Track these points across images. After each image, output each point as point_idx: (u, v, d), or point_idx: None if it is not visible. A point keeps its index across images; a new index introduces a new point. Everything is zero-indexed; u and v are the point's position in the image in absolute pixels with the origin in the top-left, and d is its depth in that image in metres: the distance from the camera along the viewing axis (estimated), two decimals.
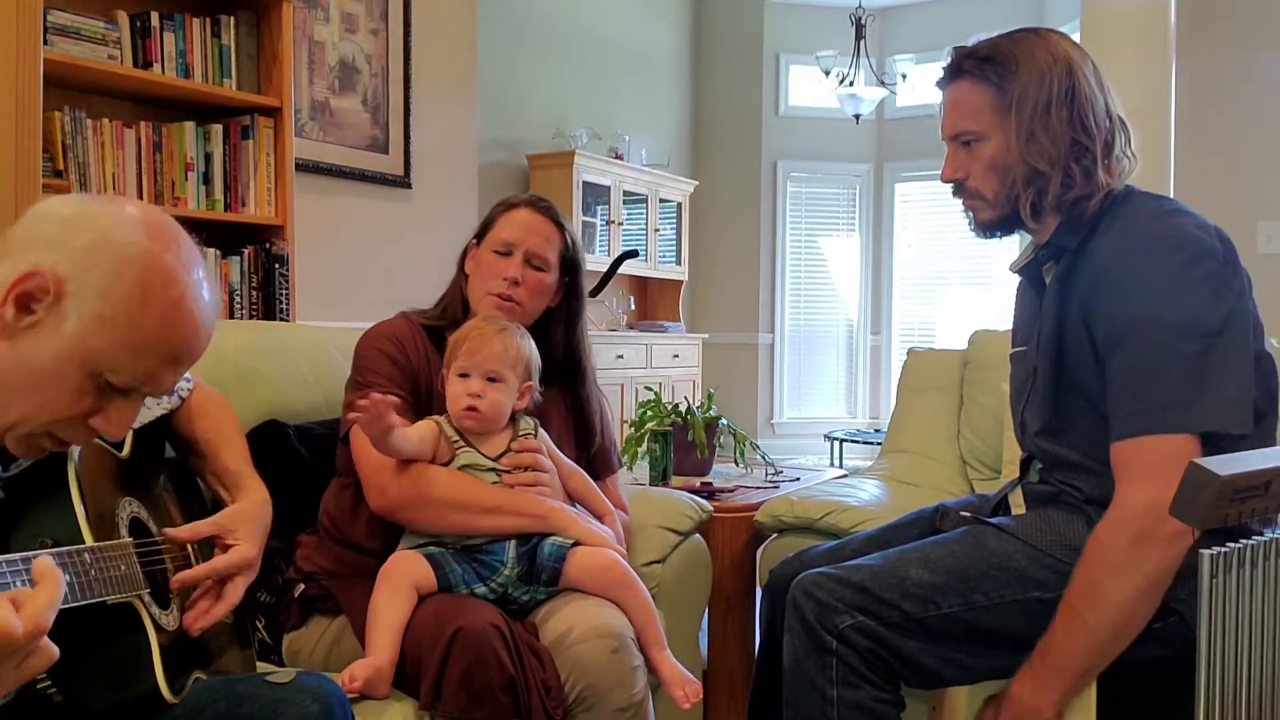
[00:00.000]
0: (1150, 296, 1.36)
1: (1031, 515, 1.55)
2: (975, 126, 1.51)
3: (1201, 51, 4.82)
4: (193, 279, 1.02)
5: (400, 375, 1.69)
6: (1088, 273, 1.44)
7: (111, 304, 0.97)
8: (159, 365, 1.01)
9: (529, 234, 1.73)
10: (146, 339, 0.99)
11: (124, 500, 1.19)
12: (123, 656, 1.08)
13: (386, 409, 1.48)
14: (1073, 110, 1.45)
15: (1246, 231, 4.84)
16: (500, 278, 1.71)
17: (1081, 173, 1.45)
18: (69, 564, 0.97)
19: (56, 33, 2.76)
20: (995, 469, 2.38)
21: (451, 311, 1.79)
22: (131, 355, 0.99)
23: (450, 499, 1.58)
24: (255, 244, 3.22)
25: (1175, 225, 1.41)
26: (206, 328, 1.04)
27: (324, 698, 1.15)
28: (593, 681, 1.50)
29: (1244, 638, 0.93)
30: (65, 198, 1.03)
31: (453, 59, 4.48)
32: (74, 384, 0.98)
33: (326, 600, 1.64)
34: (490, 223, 1.77)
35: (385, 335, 1.73)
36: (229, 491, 1.37)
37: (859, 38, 6.28)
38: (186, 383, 1.43)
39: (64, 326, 0.96)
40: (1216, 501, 0.88)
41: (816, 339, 7.64)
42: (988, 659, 1.48)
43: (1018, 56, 1.48)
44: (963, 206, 1.59)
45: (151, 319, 0.98)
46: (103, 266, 0.97)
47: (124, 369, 0.99)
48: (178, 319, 1.00)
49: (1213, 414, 1.32)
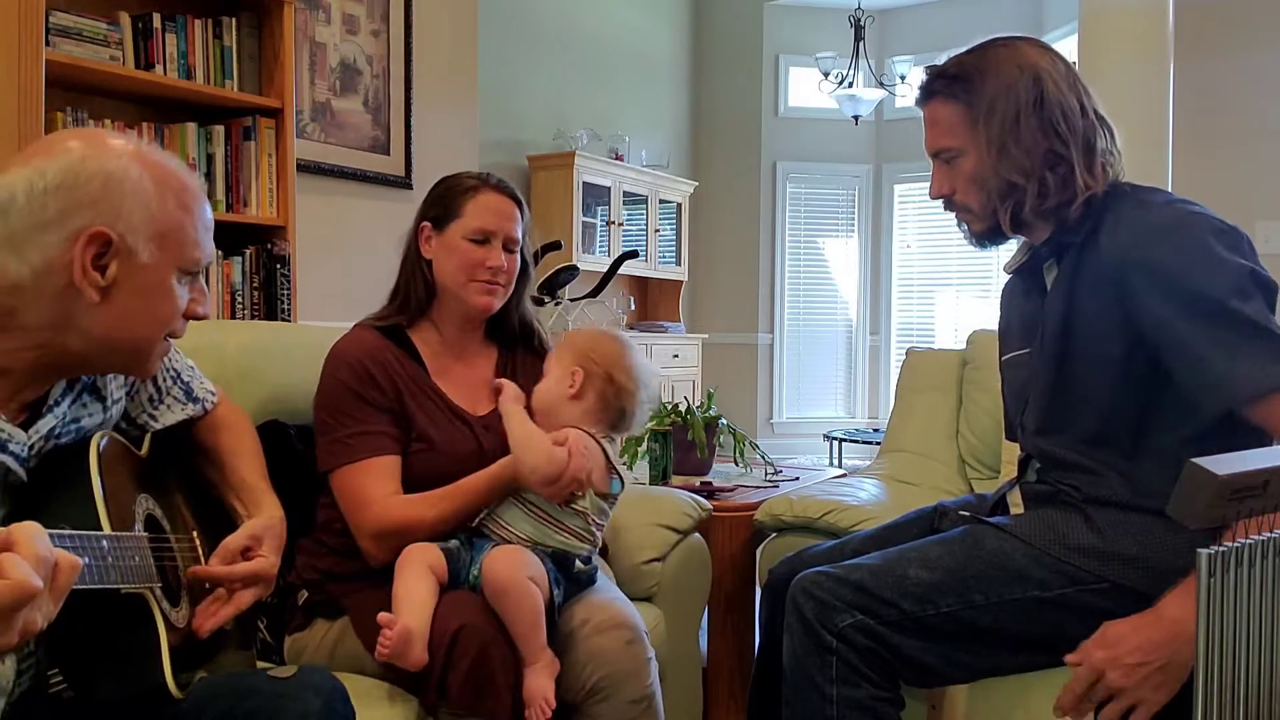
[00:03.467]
0: (1195, 273, 1.36)
1: (1030, 515, 1.56)
2: (951, 143, 1.52)
3: (1200, 52, 4.83)
4: (171, 159, 1.18)
5: (367, 409, 1.63)
6: (1105, 269, 1.44)
7: (155, 220, 1.11)
8: (204, 231, 1.19)
9: (502, 220, 1.70)
10: (190, 220, 1.15)
11: (140, 496, 1.20)
12: (133, 648, 1.09)
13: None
14: (1042, 118, 1.46)
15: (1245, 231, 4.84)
16: (483, 266, 1.68)
17: (1057, 181, 1.46)
18: (86, 547, 0.99)
19: (59, 34, 2.76)
20: (994, 468, 2.38)
21: (416, 302, 1.73)
22: (194, 241, 1.16)
23: (436, 518, 1.59)
24: (257, 244, 3.22)
25: (1186, 209, 1.43)
26: (188, 173, 1.20)
27: (326, 693, 1.15)
28: (609, 672, 1.51)
29: (1242, 637, 0.94)
30: (37, 168, 1.07)
31: (454, 60, 4.48)
32: (175, 291, 1.15)
33: (329, 604, 1.65)
34: (455, 209, 1.70)
35: (347, 364, 1.66)
36: (244, 505, 1.38)
37: (858, 39, 6.29)
38: (212, 395, 1.46)
39: (139, 260, 1.10)
40: (1214, 501, 0.88)
41: (816, 339, 7.64)
42: (987, 658, 1.49)
43: (984, 70, 1.49)
44: (956, 220, 1.60)
45: (178, 208, 1.14)
46: (127, 199, 1.08)
47: (195, 253, 1.16)
48: (184, 190, 1.16)
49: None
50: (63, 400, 1.17)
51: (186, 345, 1.77)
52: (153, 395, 1.37)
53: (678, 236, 6.79)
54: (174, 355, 1.41)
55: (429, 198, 1.76)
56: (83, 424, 1.20)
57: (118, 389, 1.28)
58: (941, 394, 2.54)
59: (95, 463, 1.11)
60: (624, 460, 2.78)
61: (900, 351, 7.36)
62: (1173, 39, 4.42)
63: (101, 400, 1.24)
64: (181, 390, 1.41)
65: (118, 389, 1.28)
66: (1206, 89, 4.86)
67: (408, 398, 1.67)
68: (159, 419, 1.37)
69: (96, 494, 1.09)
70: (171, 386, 1.39)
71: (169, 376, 1.39)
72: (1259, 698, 0.95)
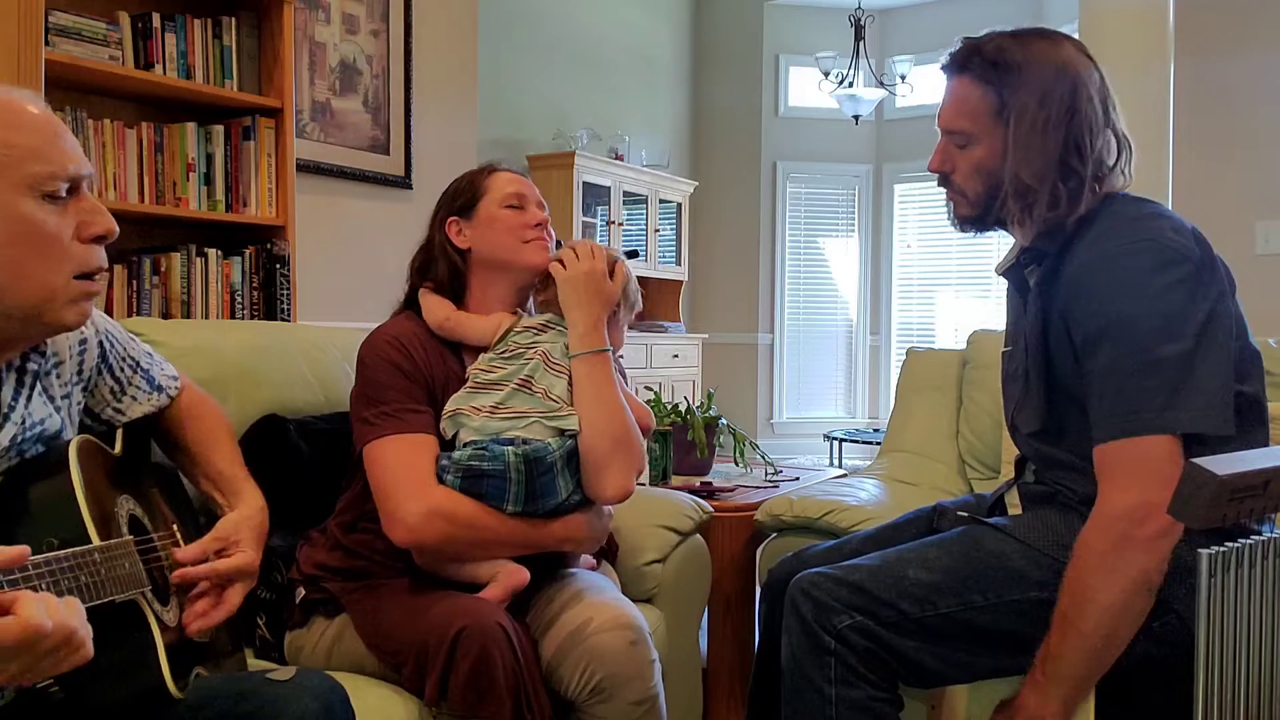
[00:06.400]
0: (1126, 300, 1.36)
1: (1028, 515, 1.56)
2: (970, 127, 1.50)
3: (1200, 51, 4.83)
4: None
5: (413, 386, 1.63)
6: (1066, 278, 1.44)
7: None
8: (50, 144, 1.06)
9: (525, 185, 1.78)
10: (22, 137, 1.04)
11: (121, 498, 1.19)
12: (128, 653, 1.09)
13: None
14: (1069, 130, 1.44)
15: (1244, 231, 4.85)
16: (529, 226, 1.72)
17: (1068, 193, 1.44)
18: (82, 565, 0.98)
19: (58, 34, 2.76)
20: (994, 468, 2.38)
21: (454, 290, 1.74)
22: (34, 156, 1.04)
23: (474, 540, 1.56)
24: (256, 244, 3.22)
25: (1150, 229, 1.40)
26: (26, 95, 1.08)
27: (324, 695, 1.15)
28: (611, 672, 1.51)
29: (1242, 637, 0.94)
30: None
31: (453, 60, 4.48)
32: (38, 216, 1.04)
33: (328, 602, 1.64)
34: (480, 191, 1.75)
35: (388, 341, 1.66)
36: (224, 496, 1.36)
37: (858, 39, 6.28)
38: (174, 380, 1.41)
39: None
40: (1214, 501, 0.88)
41: (816, 339, 7.64)
42: (986, 658, 1.49)
43: (1023, 64, 1.45)
44: (945, 197, 1.59)
45: (13, 128, 1.04)
46: None
47: (43, 167, 1.04)
48: (16, 109, 1.06)
49: (1191, 416, 1.32)
50: (16, 402, 1.14)
51: (185, 345, 1.78)
52: (113, 388, 1.32)
53: (678, 236, 6.79)
54: (129, 343, 1.36)
55: (445, 197, 1.79)
56: (45, 426, 1.17)
57: (63, 385, 1.23)
58: (941, 394, 2.54)
59: (77, 473, 1.09)
60: None
61: (900, 351, 7.36)
62: (1173, 39, 4.42)
63: (52, 399, 1.20)
64: (143, 379, 1.36)
65: (63, 385, 1.23)
66: (1207, 89, 4.86)
67: (437, 388, 1.66)
68: (125, 412, 1.33)
69: (81, 505, 1.07)
70: (132, 376, 1.34)
71: (127, 366, 1.34)
72: (1259, 698, 0.95)
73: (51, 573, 0.95)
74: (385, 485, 1.55)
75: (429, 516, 1.52)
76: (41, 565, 0.93)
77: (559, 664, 1.53)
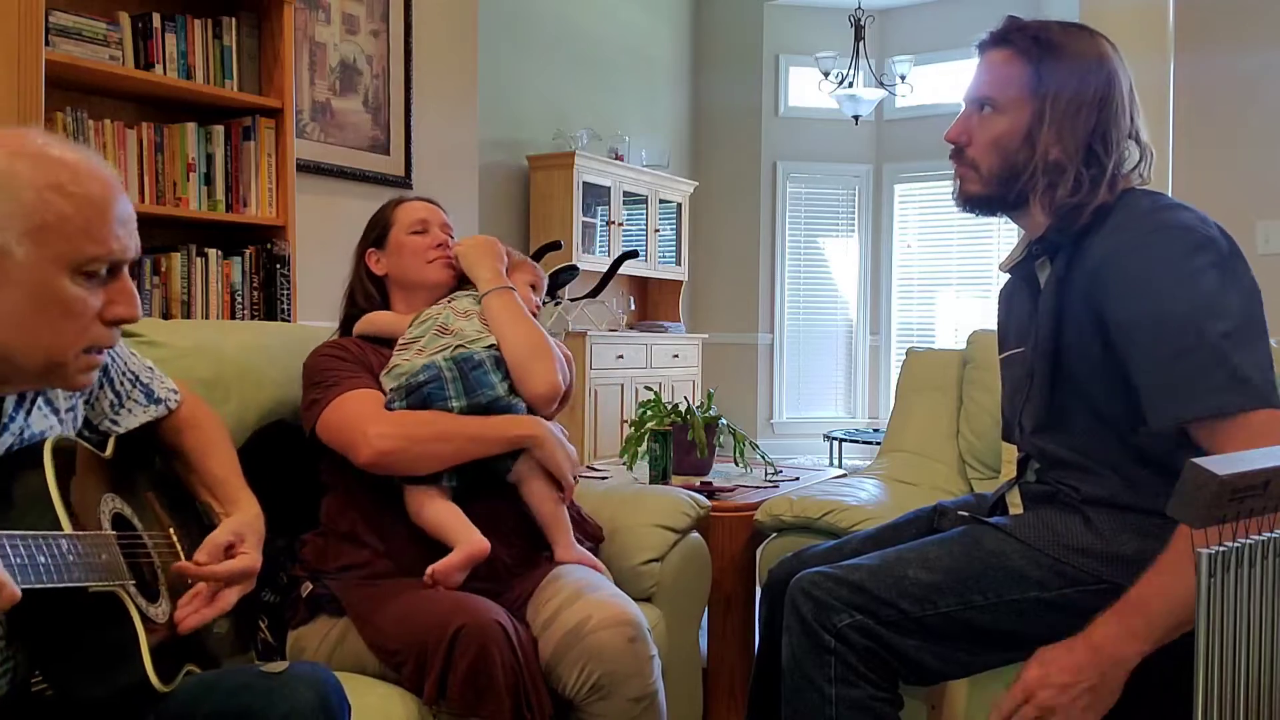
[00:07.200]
0: (1164, 281, 1.35)
1: (1029, 515, 1.55)
2: (1000, 95, 1.50)
3: (1200, 50, 4.83)
4: (72, 149, 1.06)
5: (353, 367, 1.79)
6: (1088, 271, 1.44)
7: (30, 213, 1.00)
8: (103, 223, 1.05)
9: (430, 211, 1.95)
10: (81, 213, 1.03)
11: (106, 496, 1.19)
12: (109, 647, 1.09)
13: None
14: (1101, 117, 1.45)
15: (1245, 231, 4.84)
16: (431, 247, 1.90)
17: (1089, 180, 1.45)
18: (42, 548, 0.99)
19: (58, 34, 2.76)
20: (994, 468, 2.38)
21: (372, 307, 1.92)
22: (84, 233, 1.03)
23: (434, 434, 1.68)
24: (256, 244, 3.22)
25: (1175, 218, 1.40)
26: (94, 163, 1.06)
27: (319, 685, 1.15)
28: (610, 669, 1.51)
29: (1242, 637, 0.94)
30: None
31: (453, 60, 4.48)
32: (70, 293, 1.03)
33: (333, 601, 1.65)
34: (388, 222, 1.93)
35: (325, 348, 1.84)
36: (220, 502, 1.37)
37: (858, 39, 6.28)
38: (174, 394, 1.43)
39: (14, 258, 1.00)
40: (1215, 501, 0.88)
41: (816, 339, 7.64)
42: (986, 657, 1.49)
43: (1066, 45, 1.48)
44: (954, 173, 1.58)
45: (61, 198, 1.02)
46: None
47: (90, 247, 1.03)
48: (81, 177, 1.04)
49: (1265, 387, 1.29)
50: (16, 414, 1.15)
51: (185, 345, 1.79)
52: (113, 401, 1.34)
53: (678, 236, 6.79)
54: (130, 358, 1.38)
55: (364, 234, 1.97)
56: (43, 438, 1.17)
57: (68, 398, 1.24)
58: (941, 394, 2.54)
59: (50, 463, 1.09)
60: (623, 461, 2.79)
61: (900, 351, 7.36)
62: (1173, 36, 4.42)
63: (56, 410, 1.21)
64: (142, 393, 1.38)
65: (68, 398, 1.24)
66: (1206, 87, 4.86)
67: (376, 372, 1.80)
68: (121, 423, 1.34)
69: (53, 494, 1.08)
70: (131, 390, 1.36)
71: (126, 380, 1.36)
72: (1259, 698, 0.95)
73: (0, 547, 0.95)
74: (344, 425, 1.69)
75: (389, 426, 1.67)
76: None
77: (558, 662, 1.53)
